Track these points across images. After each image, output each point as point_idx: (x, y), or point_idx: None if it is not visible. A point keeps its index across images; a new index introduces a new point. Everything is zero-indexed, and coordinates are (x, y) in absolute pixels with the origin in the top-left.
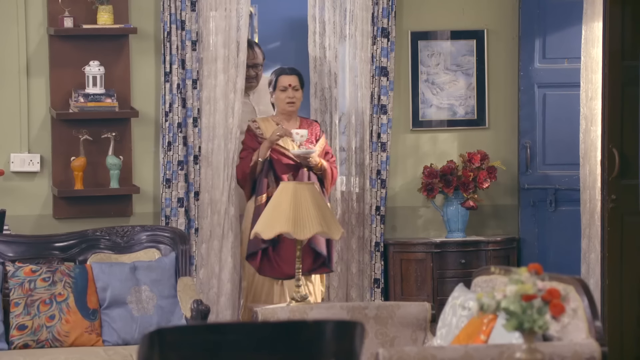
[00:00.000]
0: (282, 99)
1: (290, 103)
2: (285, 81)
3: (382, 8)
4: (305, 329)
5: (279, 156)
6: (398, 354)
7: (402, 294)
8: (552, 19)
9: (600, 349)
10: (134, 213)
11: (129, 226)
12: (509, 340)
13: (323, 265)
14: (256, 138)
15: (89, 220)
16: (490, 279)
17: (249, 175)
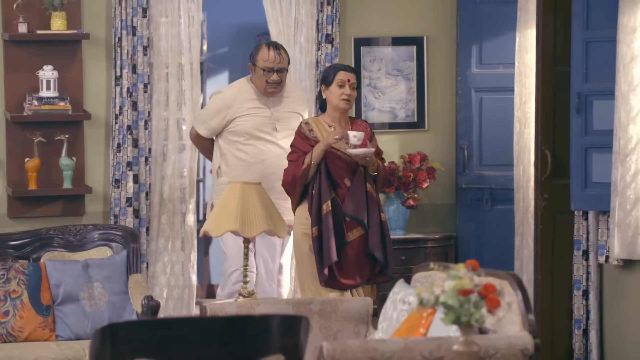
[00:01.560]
0: (337, 94)
1: (345, 100)
2: (344, 77)
3: (326, 15)
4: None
5: (334, 159)
6: (341, 347)
7: None
8: (488, 27)
9: (533, 341)
10: (87, 212)
11: (81, 225)
12: (447, 333)
13: (381, 273)
14: (308, 140)
15: (42, 220)
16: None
17: (300, 179)
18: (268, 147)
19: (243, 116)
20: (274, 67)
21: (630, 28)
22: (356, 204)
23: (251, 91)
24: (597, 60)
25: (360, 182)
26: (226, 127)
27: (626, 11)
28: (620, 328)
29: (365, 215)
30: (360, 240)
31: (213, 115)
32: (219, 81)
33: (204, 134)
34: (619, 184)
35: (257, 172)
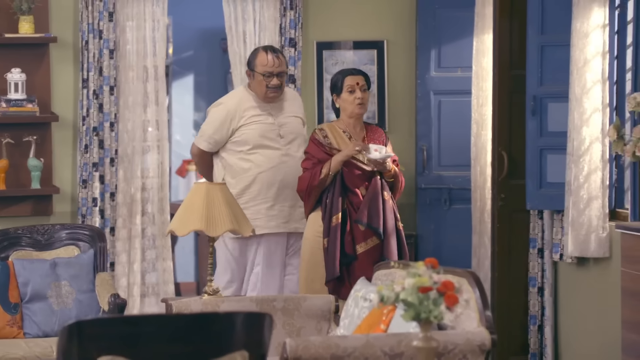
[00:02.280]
0: (350, 100)
1: (360, 105)
2: (352, 81)
3: (289, 20)
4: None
5: (350, 167)
6: (304, 343)
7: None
8: (446, 31)
9: (490, 336)
10: (54, 212)
11: (49, 225)
12: (407, 330)
13: None
14: (322, 147)
15: (11, 219)
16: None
17: (317, 188)
18: (274, 154)
19: (247, 125)
20: (273, 71)
21: (583, 33)
22: (371, 212)
23: (251, 99)
24: (552, 64)
25: (376, 190)
26: (230, 138)
27: (579, 16)
28: (574, 324)
29: (379, 223)
30: (376, 249)
31: (216, 128)
32: (184, 84)
33: (206, 148)
34: (573, 184)
35: (265, 180)
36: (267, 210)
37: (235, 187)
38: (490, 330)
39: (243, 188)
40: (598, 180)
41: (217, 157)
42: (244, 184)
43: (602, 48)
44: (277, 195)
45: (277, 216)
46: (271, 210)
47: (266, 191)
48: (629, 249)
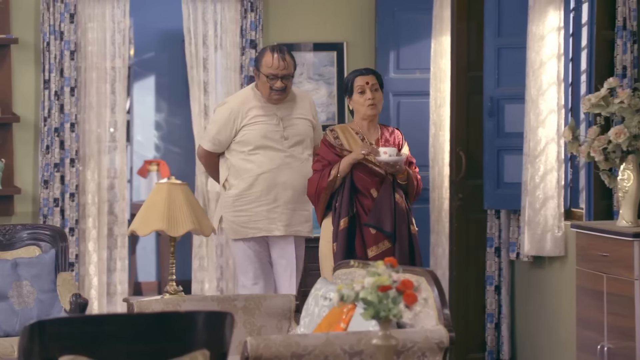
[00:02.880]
0: (361, 102)
1: (371, 105)
2: (361, 81)
3: (250, 21)
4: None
5: (362, 170)
6: (264, 342)
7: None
8: (405, 33)
9: (449, 334)
10: (15, 212)
11: (10, 225)
12: (367, 328)
13: None
14: (333, 149)
15: None
16: (349, 271)
17: (325, 190)
18: (277, 156)
19: (250, 125)
20: (278, 74)
21: (539, 36)
22: (380, 214)
23: (257, 98)
24: (508, 66)
25: (387, 192)
26: (234, 137)
27: (535, 19)
28: (530, 321)
29: (389, 225)
30: (387, 253)
31: (221, 128)
32: (146, 85)
33: (211, 149)
34: (529, 184)
35: (267, 182)
36: (268, 213)
37: (238, 187)
38: (449, 328)
39: (244, 189)
40: (554, 181)
41: (223, 158)
42: (245, 185)
43: (558, 50)
44: (278, 198)
45: (278, 219)
46: (273, 212)
47: (267, 193)
48: (583, 247)
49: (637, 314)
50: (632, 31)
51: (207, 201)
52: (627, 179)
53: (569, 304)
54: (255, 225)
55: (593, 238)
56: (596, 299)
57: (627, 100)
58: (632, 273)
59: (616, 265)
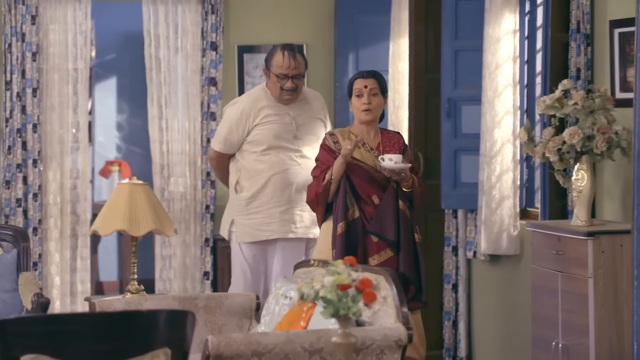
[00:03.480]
0: (357, 106)
1: (366, 111)
2: (360, 84)
3: (210, 24)
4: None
5: (360, 173)
6: (225, 340)
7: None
8: (364, 36)
9: (407, 332)
10: None
11: None
12: (326, 326)
13: (413, 299)
14: (332, 153)
15: None
16: (309, 270)
17: (322, 195)
18: (289, 156)
19: (262, 125)
20: (288, 74)
21: (495, 38)
22: (383, 222)
23: (268, 98)
24: (465, 68)
25: (391, 199)
26: (246, 137)
27: (491, 22)
28: (486, 318)
29: (393, 234)
30: (390, 262)
31: (232, 128)
32: (107, 86)
33: (222, 150)
34: (486, 184)
35: (279, 183)
36: (280, 215)
37: (249, 189)
38: (407, 326)
39: (256, 191)
40: (509, 181)
41: (233, 160)
42: (257, 187)
43: (513, 53)
44: (291, 199)
45: (291, 220)
46: (286, 214)
47: (280, 194)
48: (538, 246)
49: (590, 311)
50: (585, 34)
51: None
52: (581, 179)
53: (524, 301)
54: (269, 227)
55: (548, 237)
56: (551, 297)
57: (581, 101)
58: (586, 271)
59: (570, 264)
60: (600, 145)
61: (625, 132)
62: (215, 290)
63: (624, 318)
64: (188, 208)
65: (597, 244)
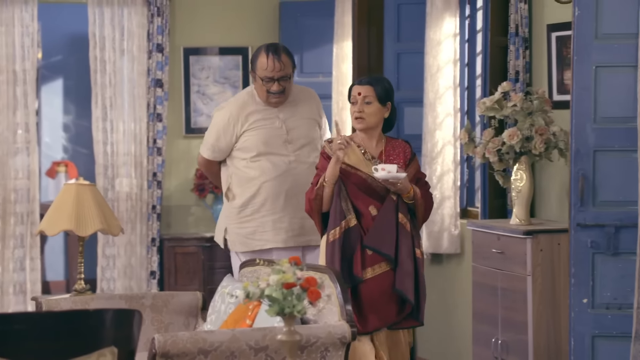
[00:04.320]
0: (351, 113)
1: (357, 119)
2: (354, 91)
3: (156, 26)
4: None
5: (356, 182)
6: (172, 338)
7: (175, 284)
8: (308, 38)
9: (351, 329)
10: None
11: None
12: (272, 324)
13: (410, 317)
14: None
15: None
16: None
17: (314, 202)
18: (282, 161)
19: (251, 130)
20: (274, 76)
21: (436, 41)
22: (380, 235)
23: (256, 102)
24: (407, 70)
25: (389, 211)
26: (235, 144)
27: (432, 26)
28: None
29: (390, 248)
30: (385, 277)
31: (220, 135)
32: (54, 88)
33: (211, 157)
34: None
35: (271, 190)
36: (274, 223)
37: (241, 197)
38: (351, 324)
39: (248, 198)
40: (450, 181)
41: (224, 166)
42: (248, 194)
43: (454, 56)
44: (285, 206)
45: (286, 229)
46: (279, 222)
47: (273, 201)
48: (479, 245)
49: (529, 308)
50: (524, 37)
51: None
52: (520, 179)
53: (465, 299)
54: (262, 236)
55: (488, 236)
56: (491, 294)
57: (519, 103)
58: (524, 269)
59: (510, 262)
60: (538, 146)
61: (562, 133)
62: (161, 289)
63: (561, 314)
64: (134, 208)
65: (536, 242)
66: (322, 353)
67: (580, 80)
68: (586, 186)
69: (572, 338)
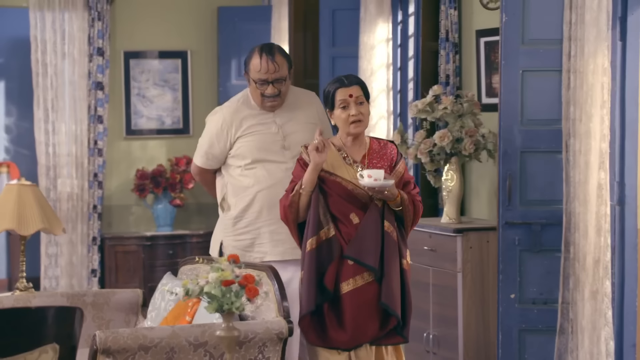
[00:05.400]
0: (344, 118)
1: (355, 122)
2: (344, 94)
3: (97, 30)
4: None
5: (335, 188)
6: (113, 335)
7: (116, 282)
8: (245, 43)
9: (287, 325)
10: None
11: None
12: (211, 320)
13: (394, 331)
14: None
15: None
16: (194, 267)
17: (290, 210)
18: (278, 169)
19: (245, 136)
20: (267, 79)
21: (370, 46)
22: (363, 245)
23: (251, 106)
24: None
25: (374, 219)
26: (229, 151)
27: (366, 31)
28: None
29: (374, 259)
30: (367, 290)
31: (212, 142)
32: None
33: (204, 165)
34: None
35: (266, 200)
36: (271, 234)
37: (236, 207)
38: (287, 320)
39: (243, 208)
40: None
41: (219, 175)
42: (243, 204)
43: (387, 60)
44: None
45: (284, 240)
46: (276, 234)
47: (268, 212)
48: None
49: (459, 304)
50: (454, 43)
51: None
52: (450, 179)
53: None
54: (260, 248)
55: (420, 234)
56: (423, 291)
57: (450, 106)
58: (455, 266)
59: (441, 259)
60: (468, 148)
61: (491, 135)
62: (102, 287)
63: (490, 309)
64: (75, 208)
65: (466, 240)
66: (260, 348)
67: (508, 83)
68: (513, 186)
69: (500, 332)
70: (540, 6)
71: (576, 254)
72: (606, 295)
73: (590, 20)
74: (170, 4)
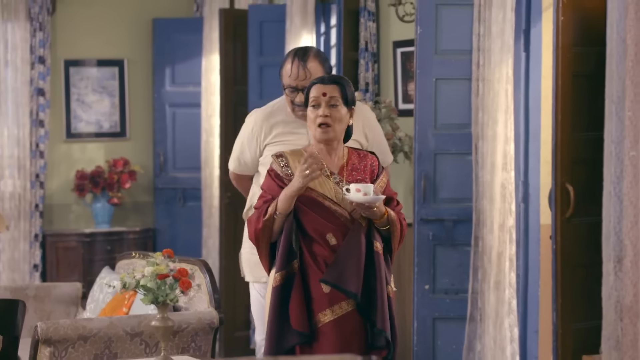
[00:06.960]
0: (312, 118)
1: (322, 126)
2: (317, 92)
3: (39, 39)
4: None
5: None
6: (54, 325)
7: (57, 276)
8: (179, 52)
9: (218, 315)
10: None
11: None
12: (146, 311)
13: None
14: (279, 180)
15: None
16: (131, 262)
17: (262, 233)
18: None
19: (273, 144)
20: (297, 85)
21: None
22: (343, 270)
23: (286, 111)
24: (270, 81)
25: (357, 239)
26: (259, 158)
27: (291, 41)
28: None
29: (356, 285)
30: (349, 318)
31: (244, 147)
32: None
33: (236, 170)
34: None
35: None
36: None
37: None
38: (219, 310)
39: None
40: None
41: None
42: None
43: None
44: None
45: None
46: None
47: None
48: None
49: None
50: (372, 53)
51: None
52: None
53: None
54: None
55: None
56: None
57: None
58: None
59: None
60: None
61: (407, 138)
62: (44, 281)
63: (406, 299)
64: (17, 207)
65: None
66: (193, 337)
67: (423, 91)
68: (428, 185)
69: (416, 320)
70: (452, 19)
71: (484, 248)
72: (511, 286)
73: (496, 33)
74: (108, 15)
